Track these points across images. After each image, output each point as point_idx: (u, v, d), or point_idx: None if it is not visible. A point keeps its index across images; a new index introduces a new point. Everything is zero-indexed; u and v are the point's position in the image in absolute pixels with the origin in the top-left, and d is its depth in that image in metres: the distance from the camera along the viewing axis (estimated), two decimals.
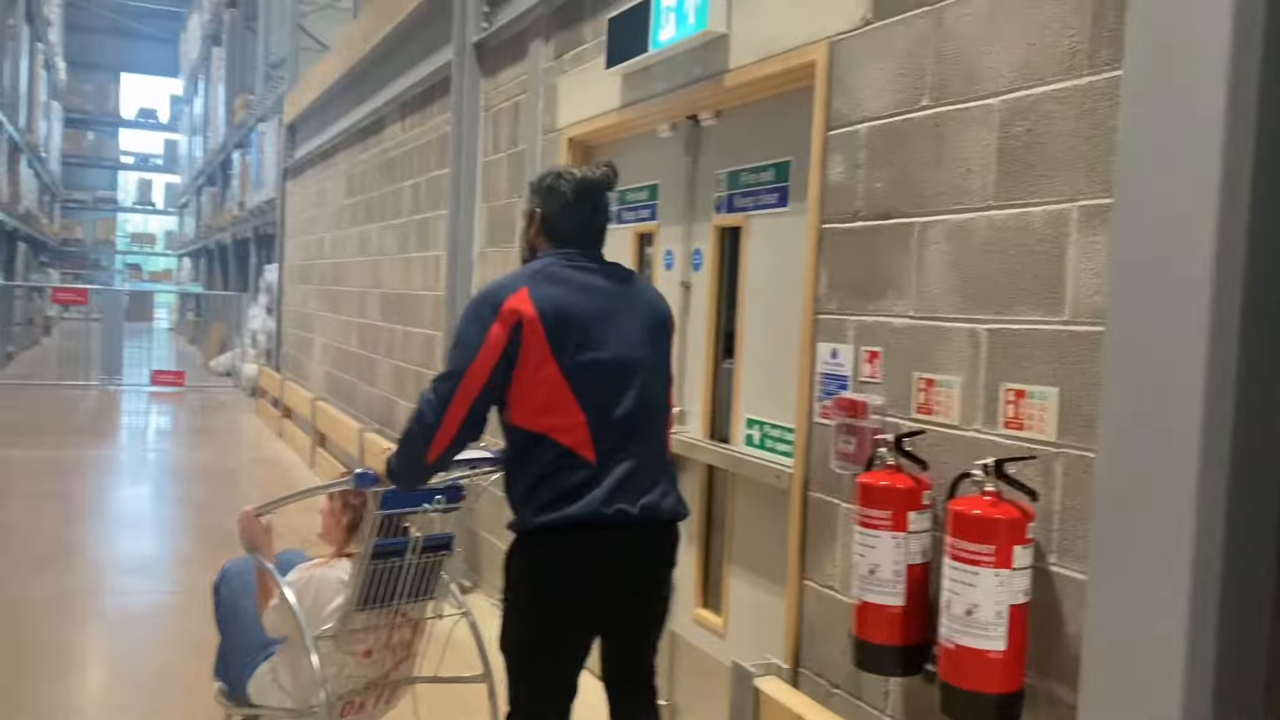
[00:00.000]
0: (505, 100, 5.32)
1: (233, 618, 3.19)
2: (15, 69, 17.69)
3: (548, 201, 2.65)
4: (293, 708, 2.97)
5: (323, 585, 2.94)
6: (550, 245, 2.63)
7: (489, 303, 2.47)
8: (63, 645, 4.48)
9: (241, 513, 3.09)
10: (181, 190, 29.68)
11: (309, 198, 10.81)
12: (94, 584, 5.46)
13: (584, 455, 2.43)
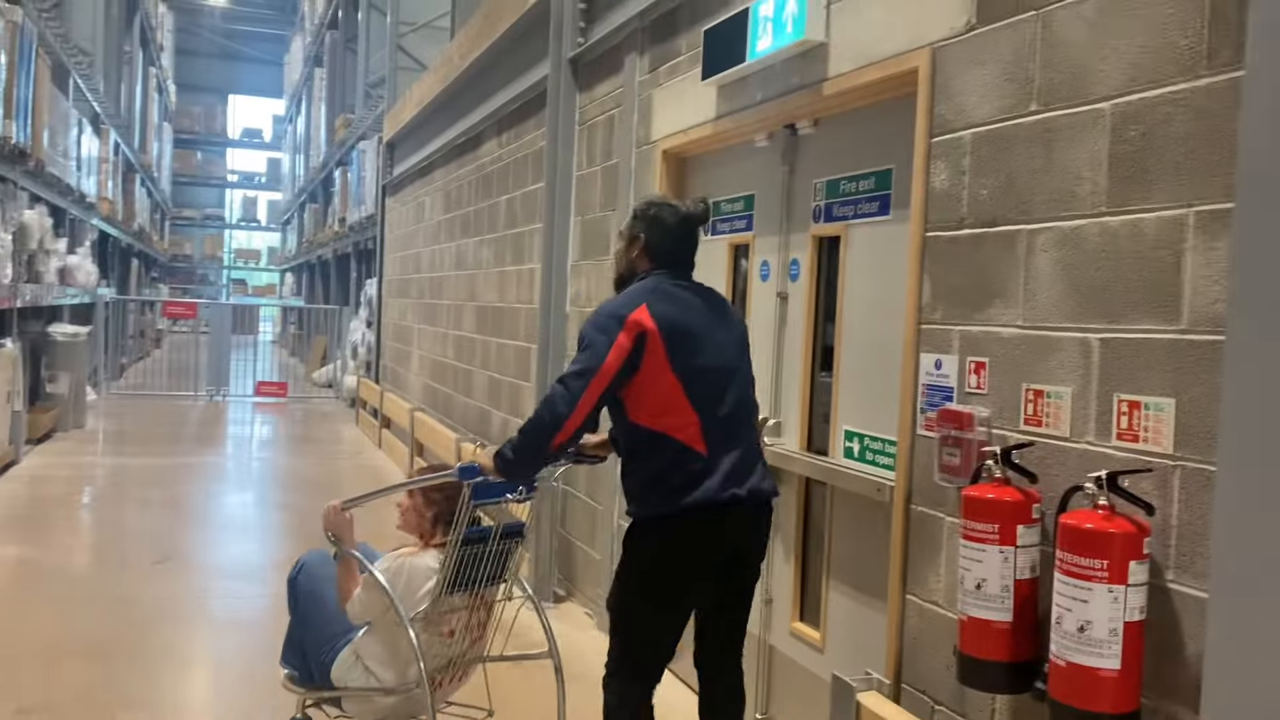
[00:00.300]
0: (600, 114, 5.38)
1: (314, 607, 3.39)
2: (130, 93, 18.51)
3: (652, 229, 3.03)
4: (377, 686, 3.19)
5: (414, 571, 3.18)
6: (650, 267, 3.02)
7: (615, 316, 2.84)
8: (168, 645, 4.64)
9: (328, 506, 3.32)
10: (284, 207, 30.62)
11: (407, 213, 11.06)
12: (200, 588, 5.65)
13: (698, 449, 2.80)
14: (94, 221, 13.99)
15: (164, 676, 4.29)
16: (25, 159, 8.67)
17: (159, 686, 4.18)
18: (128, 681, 4.19)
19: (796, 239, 3.69)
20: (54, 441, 10.35)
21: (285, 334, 26.72)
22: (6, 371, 8.44)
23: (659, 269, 2.99)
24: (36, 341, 10.66)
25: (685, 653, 3.09)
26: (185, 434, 11.89)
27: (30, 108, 8.66)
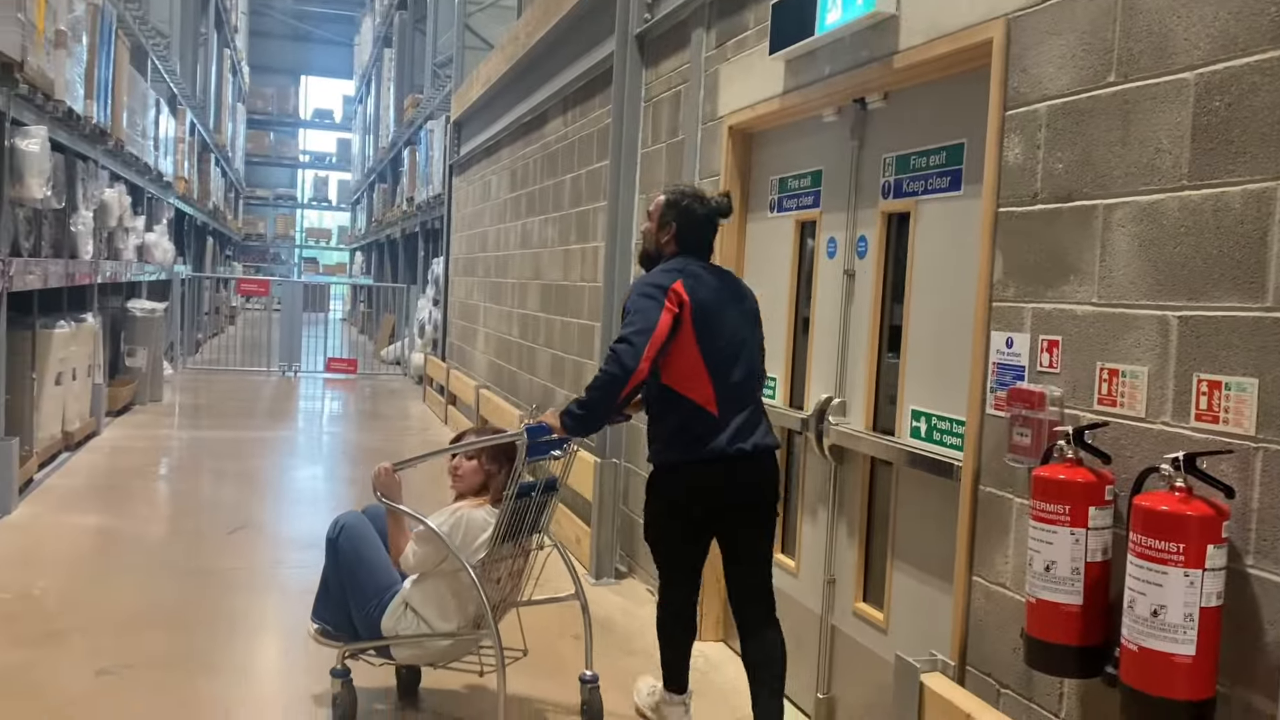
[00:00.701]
0: (665, 90, 5.35)
1: (358, 564, 3.64)
2: (206, 74, 18.89)
3: (683, 218, 3.49)
4: (430, 632, 3.51)
5: (470, 524, 3.51)
6: (677, 250, 3.48)
7: (659, 286, 3.31)
8: (241, 612, 4.76)
9: (379, 468, 3.59)
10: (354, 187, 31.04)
11: (474, 192, 11.14)
12: (272, 557, 5.78)
13: (711, 411, 3.31)
14: (171, 200, 14.32)
15: (237, 642, 4.40)
16: (105, 138, 8.89)
17: (232, 651, 4.30)
18: (202, 646, 4.31)
19: (864, 215, 3.64)
20: (132, 414, 10.66)
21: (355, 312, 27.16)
22: (87, 345, 8.69)
23: (684, 254, 3.46)
24: (116, 317, 10.96)
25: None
26: (258, 408, 12.15)
27: (110, 89, 8.88)
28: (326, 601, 3.71)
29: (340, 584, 3.65)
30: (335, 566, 3.67)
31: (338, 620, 3.67)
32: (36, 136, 6.31)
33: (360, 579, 3.61)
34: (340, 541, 3.67)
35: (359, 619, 3.60)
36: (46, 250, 7.33)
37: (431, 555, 3.48)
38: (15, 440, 6.40)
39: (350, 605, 3.61)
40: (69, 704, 3.71)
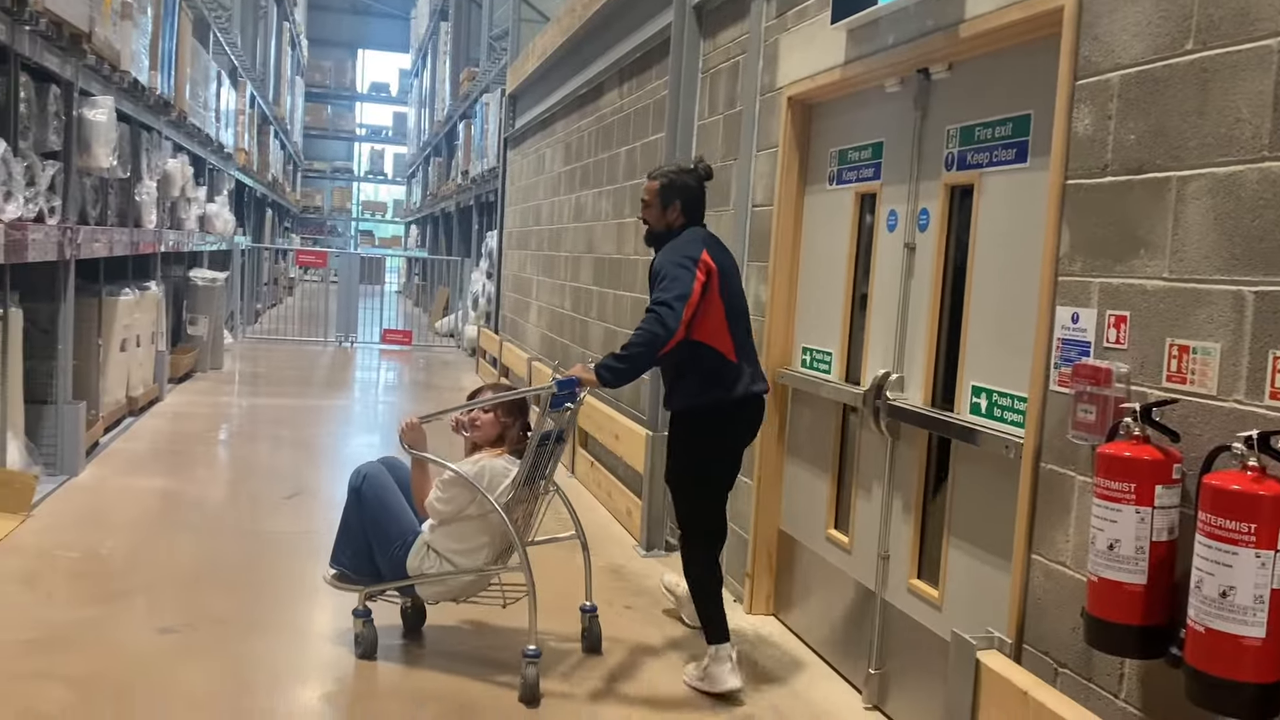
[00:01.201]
0: (723, 61, 5.30)
1: (382, 510, 3.91)
2: (265, 47, 19.09)
3: (684, 193, 3.94)
4: (453, 570, 3.82)
5: (494, 470, 3.84)
6: (684, 221, 3.93)
7: (690, 257, 3.74)
8: (296, 574, 4.84)
9: (407, 421, 3.89)
10: (409, 161, 31.26)
11: (528, 166, 11.16)
12: (327, 521, 5.85)
13: (731, 359, 3.80)
14: (231, 171, 14.53)
15: (292, 603, 4.49)
16: (169, 109, 9.03)
17: (288, 612, 4.38)
18: (259, 606, 4.40)
19: (927, 188, 3.58)
20: (194, 381, 10.88)
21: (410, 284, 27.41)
22: (151, 313, 8.87)
23: (691, 223, 3.94)
24: (178, 286, 11.18)
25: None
26: (315, 377, 12.34)
27: (174, 60, 9.01)
28: (346, 547, 3.96)
29: (363, 529, 3.90)
30: (359, 513, 3.92)
31: (357, 565, 3.93)
32: (104, 107, 6.43)
33: (384, 524, 3.88)
34: (364, 489, 3.92)
35: (383, 561, 3.86)
36: (112, 219, 7.48)
37: (460, 499, 3.80)
38: (82, 404, 6.56)
39: (374, 549, 3.89)
40: (136, 660, 3.80)
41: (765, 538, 4.60)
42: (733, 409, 3.82)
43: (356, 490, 3.95)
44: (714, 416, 3.81)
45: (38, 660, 3.74)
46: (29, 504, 5.48)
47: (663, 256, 3.80)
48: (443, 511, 3.82)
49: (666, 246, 3.87)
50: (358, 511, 3.93)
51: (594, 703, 3.68)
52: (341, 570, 3.98)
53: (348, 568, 3.97)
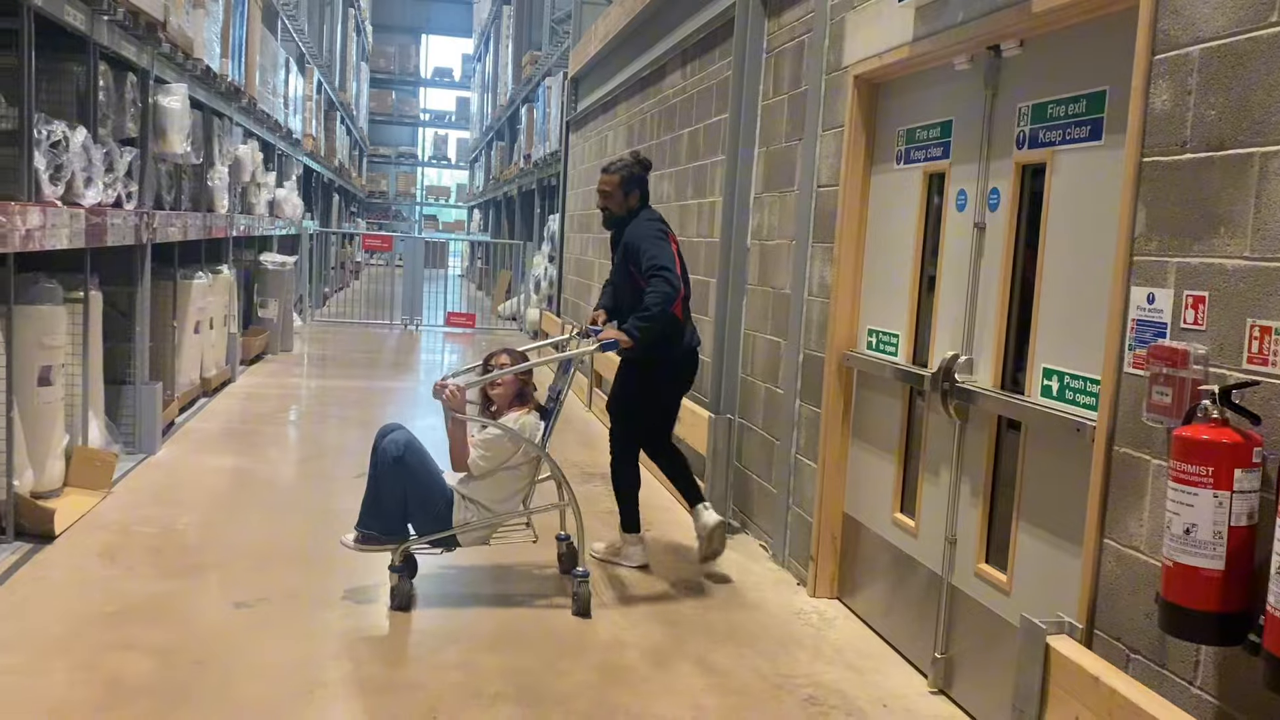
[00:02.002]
0: (788, 41, 5.25)
1: (426, 473, 4.26)
2: (331, 33, 19.34)
3: (640, 183, 4.92)
4: (491, 519, 4.32)
5: (531, 426, 4.38)
6: (639, 205, 4.90)
7: (662, 232, 4.81)
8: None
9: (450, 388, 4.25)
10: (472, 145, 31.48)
11: (590, 149, 11.18)
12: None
13: (680, 318, 4.76)
14: (300, 157, 14.78)
15: (362, 577, 4.57)
16: (239, 96, 9.21)
17: (357, 587, 4.47)
18: (329, 581, 4.50)
19: (997, 166, 3.52)
20: (264, 363, 11.11)
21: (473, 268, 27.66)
22: (223, 296, 9.07)
23: (644, 206, 4.91)
24: (249, 269, 11.41)
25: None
26: (382, 360, 12.52)
27: (244, 47, 9.18)
28: (377, 514, 4.24)
29: (404, 494, 4.21)
30: (402, 479, 4.20)
31: (388, 527, 4.24)
32: (178, 94, 6.58)
33: (428, 486, 4.25)
34: (408, 458, 4.21)
35: (425, 520, 4.25)
36: (186, 204, 7.66)
37: (502, 454, 4.30)
38: (159, 385, 6.74)
39: (413, 510, 4.24)
40: (212, 633, 3.92)
41: (829, 521, 4.58)
42: (680, 358, 4.85)
43: (400, 459, 4.19)
44: (665, 363, 4.80)
45: (122, 631, 3.87)
46: (110, 481, 5.65)
47: (636, 232, 4.76)
48: (484, 468, 4.29)
49: (633, 224, 4.82)
50: (399, 479, 4.19)
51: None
52: (367, 533, 4.25)
53: (377, 531, 4.24)
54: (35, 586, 4.26)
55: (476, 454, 4.28)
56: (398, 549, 4.24)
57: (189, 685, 3.47)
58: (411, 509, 4.24)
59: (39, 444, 5.10)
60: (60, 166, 4.84)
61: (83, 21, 5.07)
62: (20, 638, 3.75)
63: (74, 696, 3.35)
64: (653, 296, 4.52)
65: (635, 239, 4.71)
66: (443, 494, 4.26)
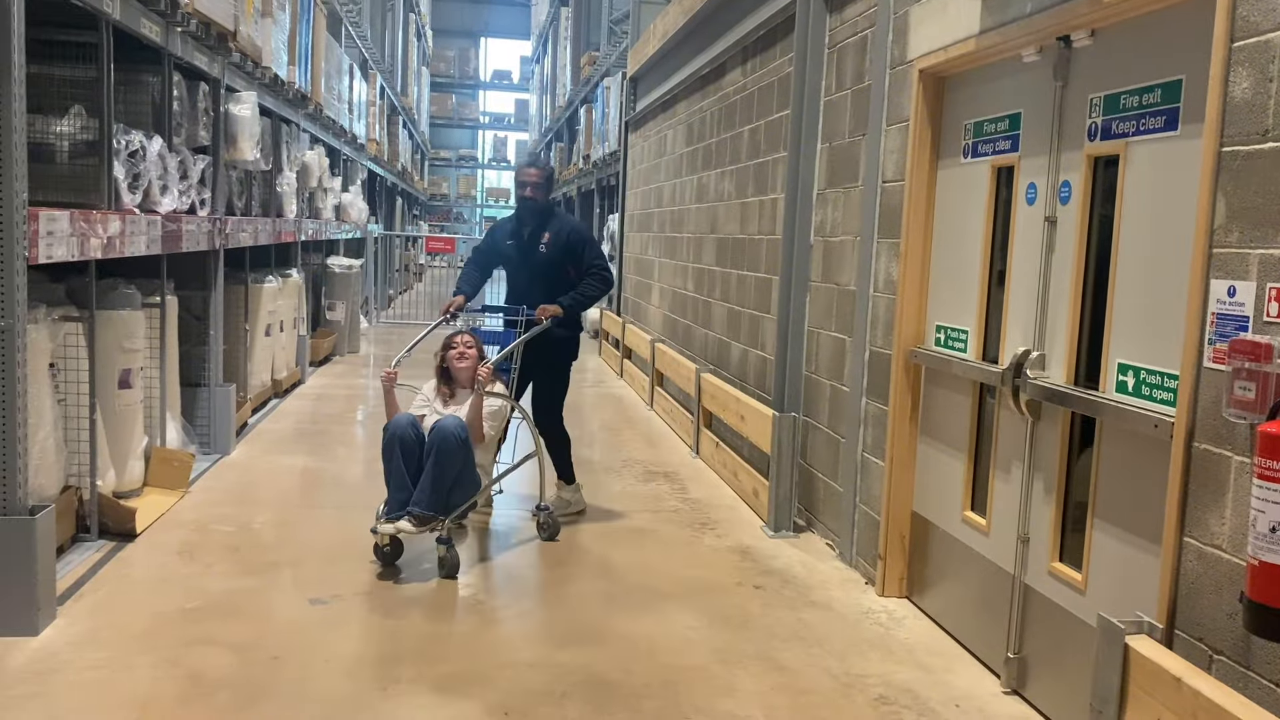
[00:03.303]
0: (850, 36, 5.21)
1: (470, 452, 4.75)
2: (393, 39, 19.61)
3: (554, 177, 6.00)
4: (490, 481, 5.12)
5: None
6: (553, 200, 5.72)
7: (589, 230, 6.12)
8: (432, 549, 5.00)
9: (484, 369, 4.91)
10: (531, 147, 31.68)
11: (649, 148, 11.20)
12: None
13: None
14: (364, 161, 15.00)
15: (430, 574, 4.64)
16: (306, 102, 9.38)
17: (426, 582, 4.54)
18: (399, 578, 4.57)
19: (1068, 159, 3.46)
20: (332, 364, 11.31)
21: None
22: (293, 299, 9.26)
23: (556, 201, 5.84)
24: (317, 273, 11.62)
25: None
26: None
27: (310, 55, 9.35)
28: (436, 492, 4.62)
29: (459, 471, 4.67)
30: (461, 456, 4.66)
31: (437, 506, 4.62)
32: (248, 102, 6.72)
33: (473, 461, 4.78)
34: (467, 438, 4.69)
35: (466, 491, 4.76)
36: (256, 209, 7.82)
37: (503, 420, 5.15)
38: (232, 387, 6.90)
39: (459, 485, 4.71)
40: (289, 629, 4.01)
41: (898, 519, 4.55)
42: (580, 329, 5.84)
43: (465, 440, 4.69)
44: (577, 335, 5.76)
45: (202, 627, 3.97)
46: (187, 481, 5.81)
47: (574, 229, 5.74)
48: (493, 435, 5.05)
49: (564, 220, 5.76)
50: (460, 457, 4.66)
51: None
52: (425, 514, 4.58)
53: (432, 509, 4.60)
54: (119, 584, 4.39)
55: (488, 425, 4.93)
56: (444, 523, 4.64)
57: (267, 680, 3.55)
58: (458, 484, 4.71)
59: (120, 445, 5.26)
60: (138, 175, 4.98)
61: (158, 34, 5.21)
62: (107, 633, 3.87)
63: (159, 691, 3.44)
64: (593, 288, 5.53)
65: (577, 235, 5.65)
66: (470, 468, 4.77)
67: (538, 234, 5.57)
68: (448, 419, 4.74)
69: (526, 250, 5.59)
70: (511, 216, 5.79)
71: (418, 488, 4.63)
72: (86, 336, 4.74)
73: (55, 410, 4.54)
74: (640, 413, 9.22)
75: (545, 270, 5.56)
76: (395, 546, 4.74)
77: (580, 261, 5.54)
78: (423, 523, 4.59)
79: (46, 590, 3.90)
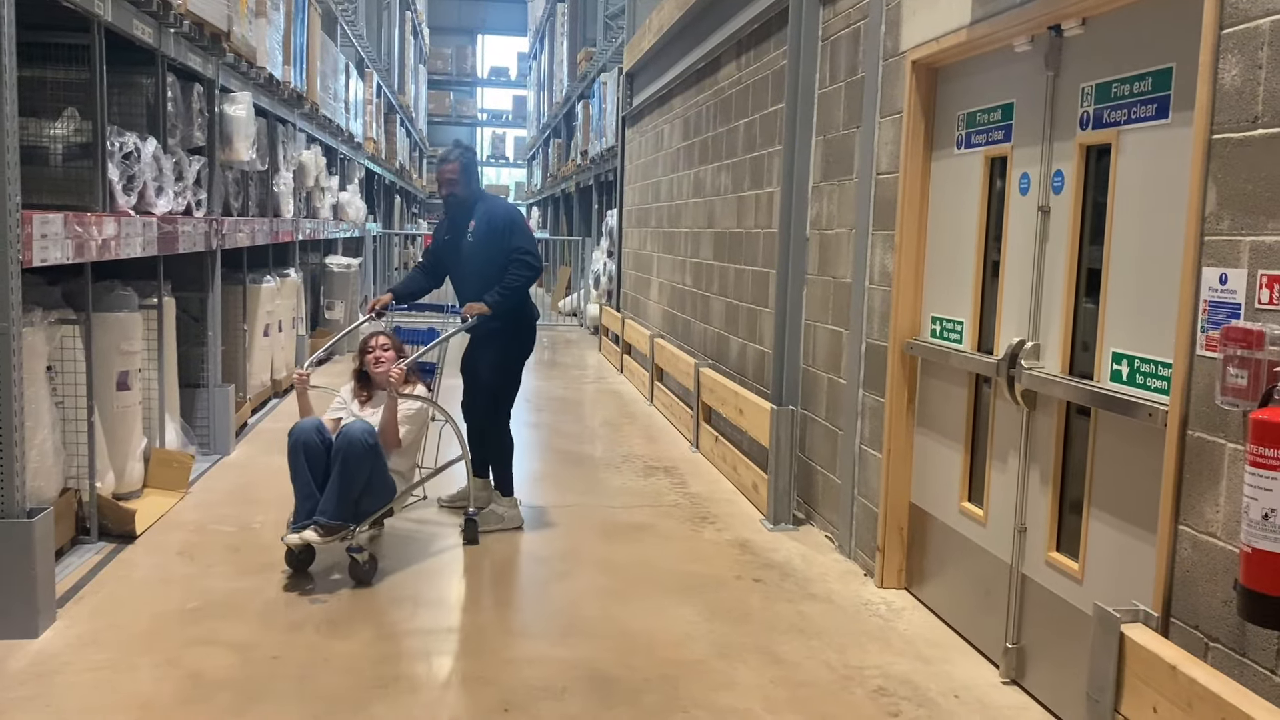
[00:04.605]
0: (844, 28, 5.21)
1: (381, 455, 4.56)
2: (390, 37, 19.60)
3: (477, 166, 5.52)
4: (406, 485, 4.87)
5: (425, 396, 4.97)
6: (479, 186, 5.51)
7: (521, 215, 5.51)
8: (434, 548, 5.01)
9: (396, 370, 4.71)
10: (529, 144, 31.67)
11: (646, 143, 11.20)
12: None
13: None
14: (361, 160, 15.00)
15: (430, 575, 4.64)
16: (302, 102, 9.38)
17: (427, 583, 4.54)
18: (398, 577, 4.58)
19: (1061, 148, 3.46)
20: (333, 363, 11.29)
21: None
22: (291, 299, 9.26)
23: (480, 188, 5.53)
24: (315, 272, 11.62)
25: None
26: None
27: (305, 54, 9.34)
28: (342, 501, 4.45)
29: (367, 477, 4.49)
30: (370, 463, 4.48)
31: (345, 514, 4.45)
32: (242, 102, 6.72)
33: (384, 466, 4.59)
34: (375, 444, 4.51)
35: (378, 498, 4.57)
36: (253, 210, 7.83)
37: (422, 423, 4.91)
38: (231, 387, 6.91)
39: (369, 492, 4.53)
40: (290, 627, 4.01)
41: (896, 511, 4.55)
42: (532, 323, 5.51)
43: (374, 446, 4.50)
44: (526, 329, 5.46)
45: (203, 627, 3.98)
46: (187, 482, 5.81)
47: (504, 215, 5.37)
48: (409, 439, 4.82)
49: (491, 204, 5.43)
50: (368, 463, 4.48)
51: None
52: (329, 523, 4.40)
53: (340, 519, 4.43)
54: (120, 585, 4.40)
55: (404, 429, 4.74)
56: (353, 531, 4.47)
57: (268, 679, 3.56)
58: (368, 491, 4.53)
59: (119, 447, 5.26)
60: (133, 177, 4.98)
61: (151, 35, 5.21)
62: (107, 635, 3.88)
63: (160, 691, 3.45)
64: (518, 278, 5.18)
65: (506, 221, 5.30)
66: (383, 472, 4.60)
67: (464, 225, 5.38)
68: (354, 424, 4.56)
69: (458, 243, 5.41)
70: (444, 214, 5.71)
71: (324, 496, 4.44)
72: (84, 339, 4.74)
73: (53, 413, 4.54)
74: (640, 408, 9.23)
75: (479, 262, 5.29)
76: (307, 553, 4.60)
77: (507, 248, 5.23)
78: (330, 532, 4.40)
79: (46, 592, 3.91)
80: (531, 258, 5.22)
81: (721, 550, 5.13)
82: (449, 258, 5.52)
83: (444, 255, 5.55)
